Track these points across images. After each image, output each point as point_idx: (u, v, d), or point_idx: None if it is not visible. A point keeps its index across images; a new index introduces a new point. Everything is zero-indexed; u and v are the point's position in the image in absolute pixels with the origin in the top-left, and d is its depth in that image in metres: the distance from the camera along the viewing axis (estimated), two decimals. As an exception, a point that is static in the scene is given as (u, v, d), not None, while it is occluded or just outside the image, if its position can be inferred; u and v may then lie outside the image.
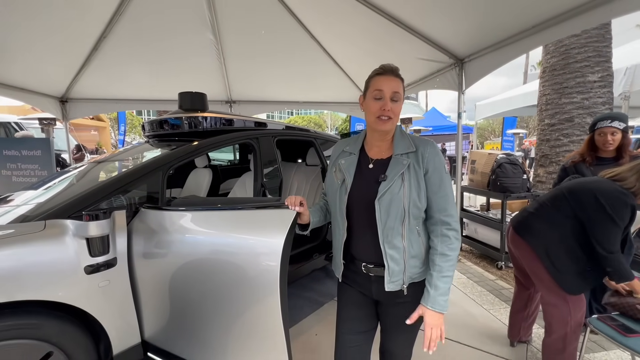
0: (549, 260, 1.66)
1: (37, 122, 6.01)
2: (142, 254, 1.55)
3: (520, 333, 2.11)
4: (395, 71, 1.09)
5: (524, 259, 1.81)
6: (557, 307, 1.68)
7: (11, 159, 3.99)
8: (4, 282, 1.19)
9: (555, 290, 1.66)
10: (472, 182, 4.06)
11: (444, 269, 1.05)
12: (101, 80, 4.52)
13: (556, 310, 1.69)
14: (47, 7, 2.97)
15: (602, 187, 1.58)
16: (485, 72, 3.24)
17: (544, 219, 1.74)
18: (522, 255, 1.81)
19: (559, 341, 1.69)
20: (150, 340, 1.61)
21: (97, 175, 2.06)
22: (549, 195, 1.81)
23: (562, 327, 1.67)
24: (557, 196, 1.74)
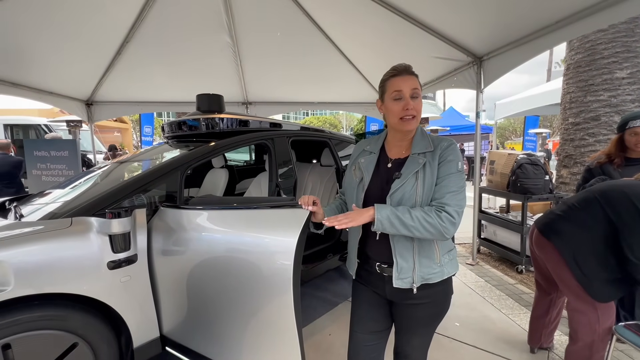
0: (577, 265, 1.58)
1: (64, 124, 6.32)
2: (161, 251, 1.60)
3: (541, 339, 2.03)
4: (409, 69, 1.09)
5: (549, 262, 1.73)
6: (585, 314, 1.60)
7: (41, 160, 4.21)
8: (33, 275, 1.26)
9: (582, 297, 1.59)
10: (491, 183, 3.96)
11: (414, 214, 0.99)
12: (123, 84, 4.70)
13: (583, 317, 1.61)
14: (75, 14, 3.12)
15: (638, 190, 1.50)
16: (505, 70, 3.15)
17: (573, 221, 1.66)
18: (547, 258, 1.74)
19: (585, 349, 1.62)
20: (168, 335, 1.66)
21: (120, 175, 2.15)
22: (578, 197, 1.72)
23: (589, 335, 1.60)
24: (587, 198, 1.66)
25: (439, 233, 0.99)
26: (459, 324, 2.38)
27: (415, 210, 1.00)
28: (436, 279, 1.09)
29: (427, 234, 0.99)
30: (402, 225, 0.99)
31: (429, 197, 1.05)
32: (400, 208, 1.01)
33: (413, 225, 0.98)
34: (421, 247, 1.07)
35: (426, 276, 1.07)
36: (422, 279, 1.07)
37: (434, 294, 1.11)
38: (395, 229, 0.99)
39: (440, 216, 0.99)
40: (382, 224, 0.99)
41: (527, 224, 3.33)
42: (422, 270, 1.07)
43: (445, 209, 1.00)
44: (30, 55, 3.56)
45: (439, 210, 1.00)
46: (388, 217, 0.99)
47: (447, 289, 1.15)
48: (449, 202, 1.01)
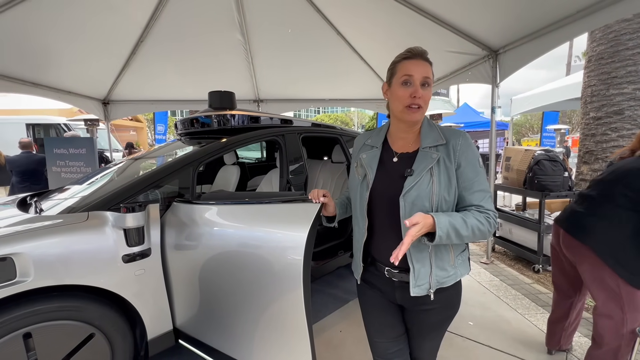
0: (619, 264, 1.48)
1: (82, 123, 6.49)
2: (173, 245, 1.62)
3: (560, 342, 1.97)
4: (424, 54, 1.00)
5: (583, 264, 1.62)
6: (612, 319, 1.54)
7: (60, 157, 4.34)
8: (52, 267, 1.30)
9: (615, 298, 1.51)
10: (507, 180, 3.85)
11: (469, 223, 0.93)
12: (138, 83, 4.79)
13: (610, 322, 1.55)
14: (92, 16, 3.20)
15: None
16: (522, 64, 3.05)
17: (600, 216, 1.57)
18: (581, 261, 1.63)
19: (609, 354, 1.56)
20: (181, 328, 1.69)
21: (134, 171, 2.19)
22: (596, 190, 1.64)
23: (615, 340, 1.54)
24: (605, 188, 1.59)
25: (483, 237, 0.97)
26: (472, 323, 2.33)
27: (468, 217, 0.94)
28: (450, 282, 1.03)
29: (473, 240, 0.96)
30: (457, 236, 0.92)
31: (445, 197, 0.97)
32: (453, 216, 0.93)
33: (466, 235, 0.93)
34: (437, 249, 1.00)
35: (441, 280, 1.01)
36: (437, 283, 1.01)
37: (447, 297, 1.05)
38: (450, 241, 0.92)
39: (490, 222, 0.96)
40: (440, 238, 0.89)
41: (544, 222, 3.23)
42: (438, 274, 1.00)
43: (490, 214, 0.97)
44: (50, 56, 3.67)
45: (488, 217, 0.96)
46: (447, 230, 0.90)
47: (458, 290, 1.10)
48: (489, 205, 0.98)
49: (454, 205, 1.00)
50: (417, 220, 0.87)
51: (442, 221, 0.90)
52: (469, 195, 0.98)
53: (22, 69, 3.72)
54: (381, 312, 1.14)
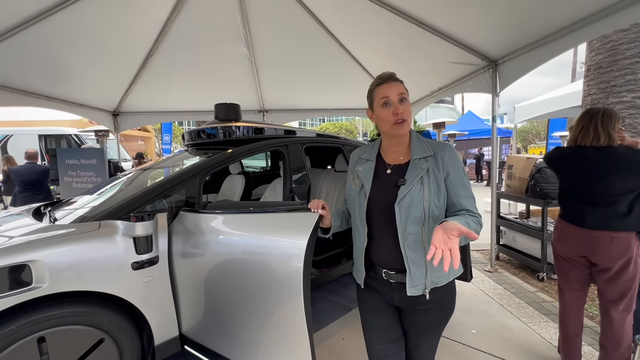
0: None
1: (93, 134, 6.68)
2: (180, 253, 1.68)
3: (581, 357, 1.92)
4: (393, 77, 1.11)
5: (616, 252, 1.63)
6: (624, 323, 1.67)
7: (72, 167, 4.48)
8: (67, 274, 1.36)
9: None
10: (510, 188, 3.87)
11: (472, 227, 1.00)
12: (147, 95, 4.94)
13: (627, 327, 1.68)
14: (104, 31, 3.34)
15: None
16: (521, 73, 3.11)
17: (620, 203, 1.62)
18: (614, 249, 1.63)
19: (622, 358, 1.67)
20: (187, 334, 1.74)
21: (143, 181, 2.27)
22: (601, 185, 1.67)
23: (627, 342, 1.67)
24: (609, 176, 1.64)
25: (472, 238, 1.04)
26: (475, 331, 2.34)
27: (468, 220, 1.02)
28: (444, 281, 1.10)
29: (465, 241, 1.04)
30: (464, 239, 0.97)
31: (435, 203, 1.06)
32: (459, 220, 0.98)
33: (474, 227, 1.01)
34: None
35: (435, 280, 1.08)
36: (432, 283, 1.07)
37: (442, 297, 1.11)
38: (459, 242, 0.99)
39: (479, 224, 1.04)
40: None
41: (547, 230, 3.23)
42: (432, 275, 1.07)
43: (478, 217, 1.06)
44: (64, 71, 3.83)
45: (478, 220, 1.05)
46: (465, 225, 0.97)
47: (453, 289, 1.15)
48: (474, 208, 1.08)
49: (444, 210, 1.09)
50: (456, 226, 0.89)
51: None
52: (459, 201, 1.08)
53: (38, 83, 3.88)
54: (379, 314, 1.19)
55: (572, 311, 1.89)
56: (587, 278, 1.82)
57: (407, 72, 4.25)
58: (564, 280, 1.90)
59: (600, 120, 1.66)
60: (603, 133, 1.65)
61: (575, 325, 1.89)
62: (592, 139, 1.69)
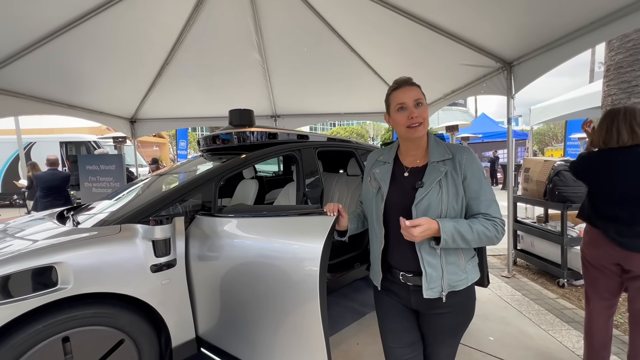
0: None
1: (111, 140, 6.89)
2: (197, 256, 1.71)
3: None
4: (409, 81, 1.11)
5: None
6: None
7: (92, 173, 4.63)
8: (90, 275, 1.41)
9: None
10: (527, 191, 3.78)
11: (474, 229, 1.01)
12: (163, 102, 5.07)
13: None
14: (122, 41, 3.46)
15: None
16: (537, 75, 3.05)
17: None
18: None
19: None
20: (203, 337, 1.76)
21: (160, 186, 2.33)
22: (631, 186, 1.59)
23: None
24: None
25: (490, 243, 1.05)
26: (493, 338, 2.28)
27: (474, 223, 1.03)
28: (462, 285, 1.08)
29: (479, 244, 1.04)
30: (463, 240, 1.01)
31: (453, 206, 1.06)
32: (459, 221, 1.02)
33: (472, 239, 1.02)
34: (447, 254, 1.07)
35: (453, 283, 1.07)
36: (449, 286, 1.06)
37: (460, 301, 1.10)
38: (456, 244, 1.01)
39: (497, 229, 1.04)
40: (446, 242, 0.99)
41: (568, 235, 3.14)
42: (449, 278, 1.06)
43: (497, 221, 1.05)
44: (84, 80, 3.98)
45: (495, 224, 1.04)
46: (452, 234, 0.99)
47: (472, 295, 1.14)
48: (496, 213, 1.06)
49: (462, 213, 1.08)
50: (420, 222, 0.98)
51: (446, 226, 1.00)
52: (476, 204, 1.07)
53: (60, 93, 4.04)
54: (397, 317, 1.19)
55: (599, 321, 1.79)
56: (618, 287, 1.73)
57: (420, 75, 4.19)
58: (592, 289, 1.81)
59: (623, 119, 1.61)
60: (627, 132, 1.60)
61: (602, 335, 1.79)
62: (617, 140, 1.63)
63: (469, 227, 1.02)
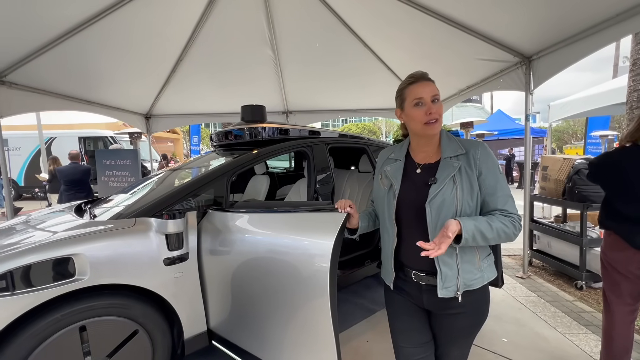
0: None
1: (127, 136, 7.04)
2: (209, 251, 1.73)
3: None
4: (425, 76, 1.09)
5: None
6: None
7: (109, 167, 4.75)
8: (106, 267, 1.45)
9: None
10: (544, 190, 3.67)
11: (494, 226, 0.99)
12: (177, 98, 5.14)
13: None
14: (137, 39, 3.52)
15: None
16: (557, 70, 2.94)
17: None
18: None
19: None
20: (214, 330, 1.79)
21: (174, 181, 2.37)
22: None
23: None
24: None
25: (508, 240, 1.03)
26: (506, 339, 2.23)
27: (493, 221, 1.00)
28: (477, 284, 1.05)
29: (498, 241, 1.02)
30: (483, 239, 0.99)
31: (468, 202, 1.03)
32: (479, 220, 1.00)
33: (492, 237, 0.99)
34: (463, 252, 1.04)
35: (468, 282, 1.04)
36: (465, 285, 1.04)
37: (475, 301, 1.07)
38: (475, 243, 0.99)
39: (515, 225, 1.02)
40: (467, 241, 0.97)
41: (587, 236, 3.03)
42: (464, 277, 1.04)
43: (514, 217, 1.03)
44: (101, 77, 4.07)
45: (513, 221, 1.02)
46: (473, 233, 0.97)
47: (486, 295, 1.11)
48: (512, 209, 1.04)
49: (477, 210, 1.06)
50: (454, 229, 0.95)
51: (467, 225, 0.97)
52: (492, 200, 1.04)
53: (79, 89, 4.14)
54: (408, 317, 1.17)
55: (620, 326, 1.71)
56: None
57: (433, 70, 4.07)
58: (614, 293, 1.73)
59: None
60: None
61: (623, 341, 1.72)
62: None
63: (489, 225, 0.99)
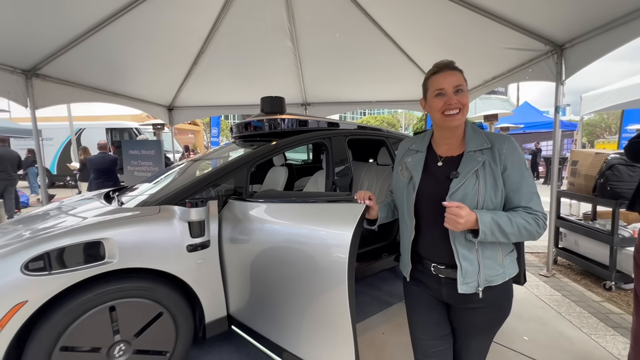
0: None
1: (151, 127, 7.26)
2: (229, 239, 1.78)
3: None
4: (450, 65, 1.05)
5: None
6: None
7: (134, 157, 4.94)
8: (133, 251, 1.52)
9: None
10: (573, 186, 3.51)
11: (514, 222, 0.96)
12: (198, 90, 5.24)
13: None
14: (162, 31, 3.59)
15: None
16: (591, 59, 2.78)
17: None
18: None
19: None
20: (234, 315, 1.84)
21: (196, 171, 2.43)
22: None
23: None
24: None
25: (531, 238, 1.00)
26: (527, 338, 2.18)
27: (514, 217, 0.98)
28: (499, 280, 1.03)
29: (519, 239, 0.99)
30: (502, 234, 0.96)
31: (491, 198, 1.00)
32: (498, 214, 0.97)
33: (512, 232, 0.97)
34: (484, 247, 1.02)
35: (490, 278, 1.02)
36: (486, 281, 1.01)
37: (496, 297, 1.04)
38: (495, 238, 0.96)
39: (539, 224, 0.98)
40: (485, 235, 0.95)
41: (619, 235, 2.88)
42: (486, 273, 1.01)
43: (539, 215, 0.99)
44: (127, 69, 4.20)
45: (537, 218, 0.98)
46: (491, 227, 0.95)
47: (509, 291, 1.08)
48: (538, 207, 1.00)
49: (500, 206, 1.02)
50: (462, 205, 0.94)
51: (484, 218, 0.95)
52: (516, 197, 1.01)
53: (105, 81, 4.31)
54: (427, 310, 1.15)
55: None
56: None
57: (457, 61, 3.98)
58: None
59: None
60: None
61: None
62: None
63: (509, 220, 0.96)
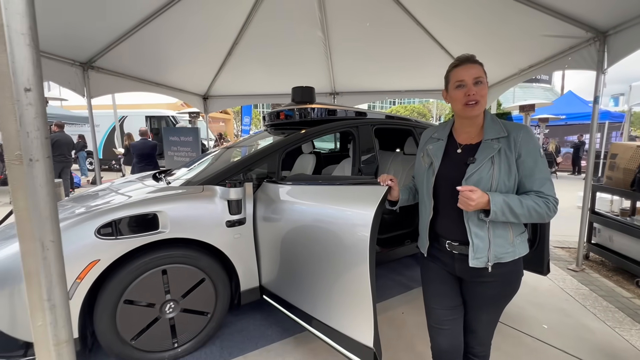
0: None
1: (187, 115, 7.68)
2: (262, 217, 1.96)
3: None
4: (471, 59, 1.12)
5: None
6: None
7: (173, 143, 5.31)
8: (182, 224, 1.74)
9: None
10: (611, 180, 3.37)
11: (525, 203, 1.04)
12: (231, 80, 5.48)
13: None
14: (200, 24, 3.81)
15: None
16: (637, 47, 2.63)
17: None
18: None
19: None
20: (265, 286, 2.04)
21: (231, 156, 2.63)
22: None
23: None
24: None
25: (541, 220, 1.08)
26: (547, 326, 2.21)
27: (524, 199, 1.06)
28: (508, 258, 1.12)
29: (529, 220, 1.07)
30: (512, 214, 1.04)
31: (505, 182, 1.08)
32: (509, 196, 1.05)
33: (522, 213, 1.05)
34: (495, 227, 1.10)
35: (499, 255, 1.11)
36: (495, 257, 1.10)
37: (505, 273, 1.13)
38: (505, 218, 1.05)
39: (549, 207, 1.06)
40: (495, 214, 1.03)
41: (657, 231, 2.77)
42: (496, 250, 1.10)
43: (549, 199, 1.07)
44: (168, 60, 4.50)
45: (547, 202, 1.06)
46: (502, 207, 1.03)
47: (518, 269, 1.16)
48: (549, 191, 1.07)
49: (513, 190, 1.11)
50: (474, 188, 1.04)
51: (496, 199, 1.04)
52: (529, 182, 1.09)
53: (149, 72, 4.64)
54: (440, 283, 1.27)
55: None
56: None
57: (490, 49, 3.89)
58: None
59: None
60: None
61: None
62: None
63: (519, 202, 1.04)
